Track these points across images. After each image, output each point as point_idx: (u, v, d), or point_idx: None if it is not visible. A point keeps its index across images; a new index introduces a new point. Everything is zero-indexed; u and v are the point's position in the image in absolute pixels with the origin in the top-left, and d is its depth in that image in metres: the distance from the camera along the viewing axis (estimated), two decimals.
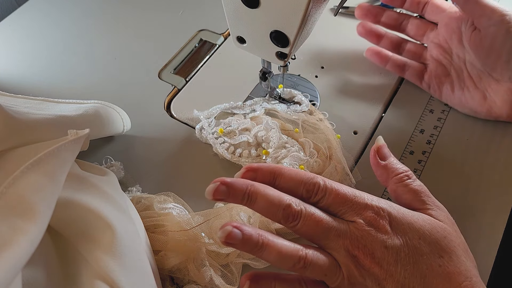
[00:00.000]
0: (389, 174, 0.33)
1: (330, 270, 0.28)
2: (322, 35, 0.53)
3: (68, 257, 0.30)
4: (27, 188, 0.26)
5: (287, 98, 0.47)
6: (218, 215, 0.36)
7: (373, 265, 0.28)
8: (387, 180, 0.33)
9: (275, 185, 0.30)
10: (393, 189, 0.32)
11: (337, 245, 0.28)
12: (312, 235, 0.29)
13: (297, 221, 0.29)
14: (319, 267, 0.28)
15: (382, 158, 0.33)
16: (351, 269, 0.28)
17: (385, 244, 0.28)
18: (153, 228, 0.36)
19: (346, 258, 0.28)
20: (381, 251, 0.28)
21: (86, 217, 0.30)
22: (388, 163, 0.33)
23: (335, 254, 0.29)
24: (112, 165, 0.42)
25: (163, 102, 0.49)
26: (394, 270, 0.27)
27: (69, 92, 0.51)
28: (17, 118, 0.31)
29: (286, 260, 0.28)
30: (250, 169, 0.31)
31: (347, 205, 0.29)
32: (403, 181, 0.32)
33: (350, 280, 0.28)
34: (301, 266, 0.28)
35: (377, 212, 0.29)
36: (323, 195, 0.29)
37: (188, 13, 0.58)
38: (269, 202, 0.29)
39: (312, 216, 0.29)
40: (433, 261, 0.27)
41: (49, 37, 0.57)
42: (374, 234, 0.28)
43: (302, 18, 0.32)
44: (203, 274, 0.33)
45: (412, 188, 0.31)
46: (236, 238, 0.27)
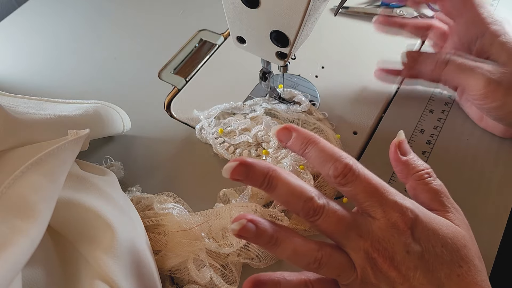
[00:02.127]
0: (410, 170, 0.31)
1: (344, 271, 0.27)
2: (322, 35, 0.53)
3: (68, 257, 0.30)
4: (27, 188, 0.26)
5: (287, 98, 0.47)
6: (218, 215, 0.36)
7: (391, 269, 0.26)
8: (407, 177, 0.31)
9: (305, 152, 0.29)
10: (413, 187, 0.31)
11: (357, 246, 0.27)
12: (331, 232, 0.28)
13: (317, 217, 0.27)
14: (334, 268, 0.27)
15: (402, 153, 0.32)
16: (367, 271, 0.27)
17: (407, 249, 0.27)
18: (153, 228, 0.36)
19: (364, 260, 0.27)
20: (401, 256, 0.26)
21: (86, 217, 0.30)
22: (409, 159, 0.31)
23: (353, 255, 0.27)
24: (112, 165, 0.42)
25: (163, 102, 0.49)
26: (412, 276, 0.26)
27: (69, 92, 0.51)
28: (17, 118, 0.31)
29: (301, 259, 0.27)
30: (288, 128, 0.29)
31: (375, 199, 0.27)
32: (423, 179, 0.30)
33: (363, 280, 0.27)
34: (315, 266, 0.27)
35: (404, 213, 0.27)
36: (352, 180, 0.27)
37: (188, 13, 0.58)
38: (290, 191, 0.27)
39: (335, 213, 0.27)
40: (452, 270, 0.27)
41: (49, 37, 0.57)
42: (397, 236, 0.27)
43: (302, 18, 0.32)
44: (203, 274, 0.33)
45: (433, 188, 0.30)
46: (250, 232, 0.26)
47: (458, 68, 0.38)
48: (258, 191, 0.39)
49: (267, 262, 0.35)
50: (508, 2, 0.55)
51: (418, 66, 0.41)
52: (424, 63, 0.40)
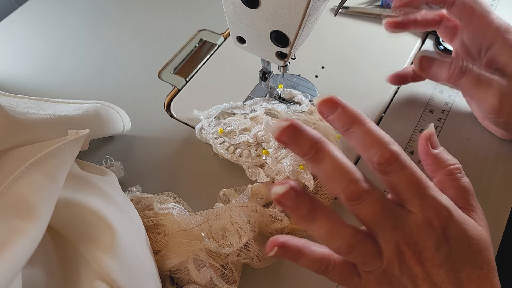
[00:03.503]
0: (440, 164, 0.30)
1: (371, 259, 0.27)
2: (322, 35, 0.53)
3: (68, 257, 0.30)
4: (27, 188, 0.26)
5: (287, 98, 0.47)
6: (218, 215, 0.36)
7: (417, 264, 0.26)
8: (436, 171, 0.30)
9: (349, 131, 0.27)
10: (441, 181, 0.30)
11: (390, 237, 0.27)
12: (368, 219, 0.27)
13: (359, 201, 0.26)
14: (363, 255, 0.27)
15: (433, 146, 0.31)
16: (393, 262, 0.27)
17: (437, 246, 0.26)
18: (153, 228, 0.36)
19: (393, 252, 0.27)
20: (430, 252, 0.26)
21: (86, 217, 0.30)
22: (439, 152, 0.31)
23: (383, 245, 0.27)
24: (112, 165, 0.42)
25: (163, 102, 0.49)
26: (436, 273, 0.26)
27: (69, 92, 0.51)
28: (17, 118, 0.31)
29: (334, 241, 0.27)
30: (334, 101, 0.27)
31: (416, 192, 0.27)
32: (453, 174, 0.30)
33: (386, 271, 0.27)
34: (346, 251, 0.27)
35: (440, 210, 0.27)
36: (397, 170, 0.26)
37: (188, 13, 0.58)
38: (336, 167, 0.26)
39: (377, 202, 0.26)
40: (473, 271, 0.27)
41: (48, 37, 0.57)
42: (430, 233, 0.26)
43: (302, 18, 0.32)
44: (203, 274, 0.33)
45: (461, 185, 0.30)
46: (291, 199, 0.25)
47: (476, 81, 0.37)
48: (258, 191, 0.39)
49: (267, 262, 0.35)
50: (508, 2, 0.55)
51: (433, 71, 0.39)
52: (439, 70, 0.39)
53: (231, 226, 0.35)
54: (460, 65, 0.38)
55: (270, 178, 0.40)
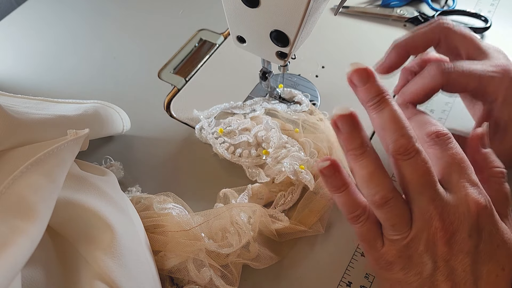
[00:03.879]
0: (487, 164, 0.30)
1: (401, 224, 0.27)
2: (322, 34, 0.53)
3: (68, 257, 0.30)
4: (27, 188, 0.26)
5: (287, 98, 0.47)
6: (218, 215, 0.36)
7: (444, 244, 0.26)
8: (481, 170, 0.30)
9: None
10: (484, 181, 0.29)
11: (426, 207, 0.26)
12: (409, 181, 0.27)
13: (406, 157, 0.26)
14: (395, 215, 0.27)
15: (483, 145, 0.31)
16: (421, 236, 0.26)
17: (470, 233, 0.26)
18: (153, 229, 0.36)
19: (425, 224, 0.26)
20: (462, 236, 0.26)
21: (85, 217, 0.30)
22: (488, 152, 0.30)
23: (416, 214, 0.27)
24: (112, 165, 0.42)
25: (163, 102, 0.49)
26: (460, 259, 0.26)
27: (68, 92, 0.51)
28: (17, 118, 0.31)
29: (373, 186, 0.27)
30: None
31: (461, 171, 0.27)
32: (498, 177, 0.29)
33: (410, 244, 0.27)
34: (380, 202, 0.27)
35: (478, 198, 0.27)
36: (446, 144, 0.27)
37: (188, 13, 0.58)
38: (393, 119, 0.27)
39: (424, 164, 0.26)
40: (494, 269, 0.26)
41: (48, 36, 0.57)
42: (466, 216, 0.26)
43: (302, 18, 0.32)
44: (203, 274, 0.33)
45: (503, 189, 0.29)
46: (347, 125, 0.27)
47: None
48: (258, 191, 0.39)
49: (267, 262, 0.35)
50: (508, 2, 0.55)
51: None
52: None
53: (231, 226, 0.35)
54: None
55: (270, 178, 0.40)
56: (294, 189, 0.39)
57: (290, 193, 0.39)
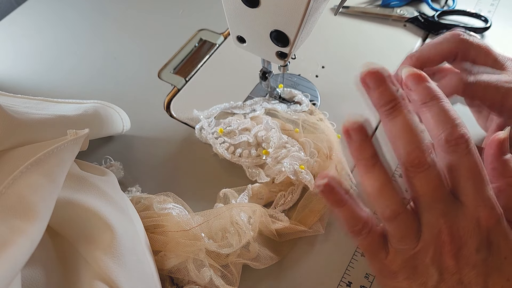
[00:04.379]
0: (506, 172, 0.29)
1: (409, 237, 0.26)
2: (322, 35, 0.53)
3: (68, 257, 0.30)
4: (27, 188, 0.26)
5: (287, 98, 0.47)
6: (218, 215, 0.36)
7: (452, 258, 0.26)
8: (499, 177, 0.29)
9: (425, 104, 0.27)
10: (501, 189, 0.28)
11: (436, 222, 0.26)
12: (421, 194, 0.26)
13: (419, 170, 0.26)
14: (403, 229, 0.26)
15: (504, 152, 0.29)
16: (428, 249, 0.26)
17: (478, 247, 0.26)
18: (153, 229, 0.36)
19: (433, 238, 0.26)
20: (469, 251, 0.26)
21: (85, 218, 0.30)
22: (508, 159, 0.29)
23: (425, 227, 0.26)
24: (112, 165, 0.42)
25: (163, 102, 0.49)
26: (466, 272, 0.26)
27: (68, 92, 0.51)
28: (17, 118, 0.31)
29: (384, 199, 0.26)
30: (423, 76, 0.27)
31: (474, 184, 0.26)
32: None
33: (416, 255, 0.26)
34: (391, 216, 0.26)
35: (491, 211, 0.26)
36: (462, 153, 0.26)
37: (188, 13, 0.58)
38: (406, 128, 0.26)
39: (436, 178, 0.26)
40: (500, 280, 0.26)
41: (48, 37, 0.57)
42: (476, 232, 0.26)
43: (302, 18, 0.32)
44: (203, 274, 0.33)
45: None
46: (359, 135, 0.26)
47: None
48: (258, 191, 0.39)
49: (267, 262, 0.35)
50: (508, 2, 0.55)
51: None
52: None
53: (231, 226, 0.35)
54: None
55: (270, 178, 0.40)
56: (294, 189, 0.39)
57: (290, 193, 0.39)
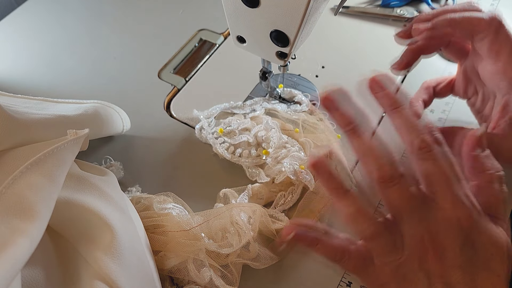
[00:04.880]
0: (483, 168, 0.29)
1: (392, 250, 0.27)
2: (322, 35, 0.53)
3: (68, 257, 0.30)
4: (26, 188, 0.26)
5: (287, 98, 0.47)
6: (218, 215, 0.36)
7: (438, 262, 0.26)
8: (476, 174, 0.29)
9: (395, 109, 0.27)
10: (480, 186, 0.29)
11: (416, 230, 0.26)
12: (396, 206, 0.26)
13: (391, 184, 0.26)
14: (385, 245, 0.26)
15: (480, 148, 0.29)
16: (414, 257, 0.26)
17: (462, 247, 0.26)
18: (153, 229, 0.36)
19: (416, 246, 0.26)
20: (453, 253, 0.26)
21: (85, 218, 0.30)
22: (486, 156, 0.29)
23: (407, 237, 0.26)
24: (112, 165, 0.42)
25: (163, 102, 0.49)
26: (453, 273, 0.26)
27: (68, 92, 0.51)
28: (17, 118, 0.31)
29: (360, 222, 0.26)
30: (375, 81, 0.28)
31: (450, 186, 0.26)
32: (495, 182, 0.28)
33: (403, 264, 0.26)
34: (370, 236, 0.26)
35: (469, 211, 0.26)
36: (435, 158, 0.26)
37: (188, 13, 0.58)
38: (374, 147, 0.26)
39: (409, 189, 0.26)
40: (489, 277, 0.26)
41: (48, 37, 0.57)
42: (456, 233, 0.26)
43: (302, 18, 0.32)
44: (203, 274, 0.33)
45: (500, 194, 0.29)
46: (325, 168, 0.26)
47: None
48: (258, 191, 0.39)
49: (267, 262, 0.35)
50: (508, 2, 0.55)
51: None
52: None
53: (231, 226, 0.35)
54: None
55: (270, 178, 0.40)
56: (294, 189, 0.39)
57: (290, 193, 0.39)
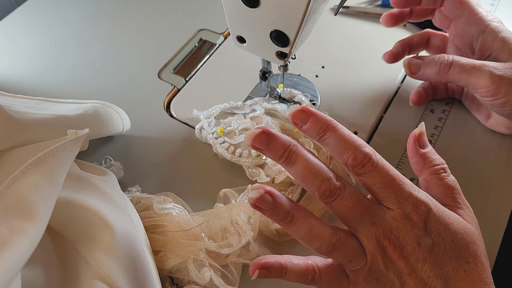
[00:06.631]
0: (426, 164, 0.31)
1: (355, 257, 0.27)
2: (322, 34, 0.53)
3: (68, 257, 0.30)
4: (27, 188, 0.26)
5: (287, 98, 0.47)
6: (218, 215, 0.36)
7: (400, 259, 0.27)
8: (421, 170, 0.31)
9: (322, 138, 0.29)
10: (426, 180, 0.31)
11: (369, 232, 0.27)
12: (345, 216, 0.28)
13: (333, 198, 0.27)
14: (346, 253, 0.27)
15: (421, 145, 0.31)
16: (377, 258, 0.27)
17: (418, 241, 0.27)
18: (153, 229, 0.36)
19: (375, 247, 0.27)
20: (412, 247, 0.27)
21: (85, 218, 0.30)
22: (426, 152, 0.31)
23: (364, 241, 0.28)
24: (112, 165, 0.42)
25: (163, 102, 0.49)
26: (420, 268, 0.27)
27: (68, 92, 0.51)
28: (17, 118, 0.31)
29: (315, 241, 0.27)
30: (305, 111, 0.29)
31: (391, 190, 0.27)
32: (439, 173, 0.30)
33: (372, 267, 0.27)
34: (328, 250, 0.27)
35: (418, 205, 0.27)
36: (370, 171, 0.27)
37: (188, 13, 0.58)
38: (308, 168, 0.27)
39: (351, 198, 0.27)
40: (460, 265, 0.27)
41: (48, 36, 0.57)
42: (409, 228, 0.27)
43: (302, 18, 0.32)
44: (203, 274, 0.33)
45: (447, 183, 0.30)
46: (267, 203, 0.27)
47: (463, 69, 0.38)
48: None
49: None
50: (508, 2, 0.55)
51: (422, 71, 0.40)
52: (428, 68, 0.40)
53: (231, 226, 0.35)
54: (445, 59, 0.38)
55: (270, 178, 0.40)
56: (294, 189, 0.39)
57: (290, 193, 0.39)
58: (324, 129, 0.28)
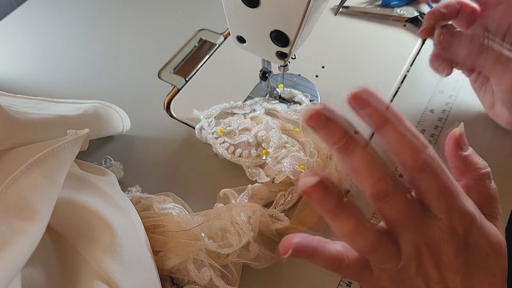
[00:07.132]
0: (468, 167, 0.29)
1: (390, 260, 0.27)
2: (322, 34, 0.53)
3: (68, 257, 0.30)
4: (27, 188, 0.26)
5: (287, 98, 0.47)
6: (218, 215, 0.36)
7: (434, 268, 0.26)
8: (464, 174, 0.29)
9: (381, 130, 0.26)
10: (468, 185, 0.29)
11: (411, 238, 0.26)
12: (392, 220, 0.26)
13: (385, 200, 0.25)
14: (384, 256, 0.26)
15: (462, 148, 0.29)
16: (411, 263, 0.26)
17: (457, 253, 0.26)
18: (153, 229, 0.36)
19: (412, 253, 0.26)
20: (449, 258, 0.26)
21: (85, 218, 0.30)
22: (468, 155, 0.29)
23: (403, 246, 0.26)
24: (112, 165, 0.42)
25: (163, 102, 0.49)
26: (451, 278, 0.26)
27: (68, 92, 0.51)
28: (16, 118, 0.31)
29: (358, 241, 0.26)
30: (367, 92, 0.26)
31: (445, 200, 0.26)
32: (483, 179, 0.28)
33: (402, 270, 0.27)
34: (369, 251, 0.26)
35: (463, 216, 0.26)
36: (427, 178, 0.25)
37: (187, 13, 0.58)
38: (365, 162, 0.25)
39: (403, 202, 0.25)
40: (486, 277, 0.26)
41: (48, 36, 0.57)
42: (452, 239, 0.26)
43: (302, 18, 0.32)
44: (203, 274, 0.33)
45: (490, 192, 0.29)
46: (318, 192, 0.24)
47: (495, 58, 0.35)
48: (258, 191, 0.39)
49: (267, 262, 0.35)
50: None
51: (453, 49, 0.37)
52: (458, 47, 0.37)
53: (231, 226, 0.35)
54: (480, 42, 0.35)
55: (270, 178, 0.40)
56: (294, 189, 0.39)
57: (290, 193, 0.39)
58: (385, 120, 0.25)
